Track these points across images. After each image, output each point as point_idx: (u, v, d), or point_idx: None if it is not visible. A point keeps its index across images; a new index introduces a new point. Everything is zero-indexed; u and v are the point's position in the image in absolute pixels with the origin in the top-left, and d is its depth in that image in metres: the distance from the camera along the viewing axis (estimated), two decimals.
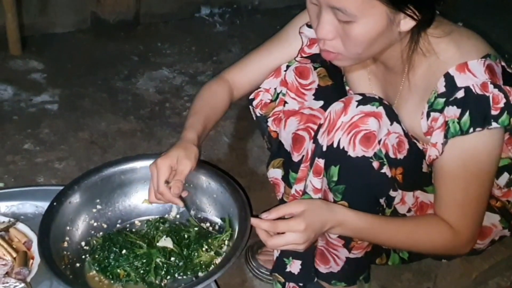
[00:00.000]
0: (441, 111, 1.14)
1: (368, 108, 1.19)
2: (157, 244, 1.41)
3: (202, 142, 1.38)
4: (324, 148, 1.23)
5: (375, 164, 1.20)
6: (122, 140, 2.12)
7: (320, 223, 1.17)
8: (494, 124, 1.11)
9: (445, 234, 1.21)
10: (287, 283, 1.42)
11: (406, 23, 1.11)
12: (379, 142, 1.19)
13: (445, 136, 1.14)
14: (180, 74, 2.53)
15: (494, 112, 1.11)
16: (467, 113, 1.11)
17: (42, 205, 1.54)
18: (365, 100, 1.21)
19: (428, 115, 1.17)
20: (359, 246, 1.30)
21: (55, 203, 1.41)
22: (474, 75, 1.12)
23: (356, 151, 1.19)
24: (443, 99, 1.14)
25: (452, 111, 1.12)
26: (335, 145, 1.21)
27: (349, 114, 1.20)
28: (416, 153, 1.24)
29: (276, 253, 1.40)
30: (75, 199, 1.45)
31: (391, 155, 1.21)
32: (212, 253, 1.40)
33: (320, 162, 1.25)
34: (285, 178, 1.45)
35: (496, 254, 1.51)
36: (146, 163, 1.51)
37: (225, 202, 1.43)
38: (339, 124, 1.20)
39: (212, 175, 1.48)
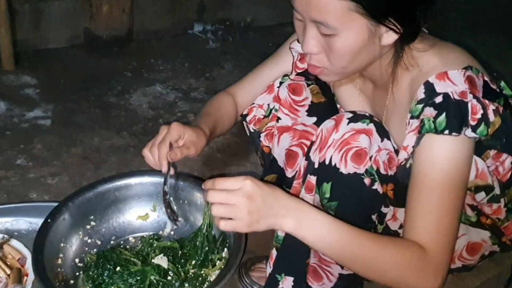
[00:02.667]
0: (418, 116, 1.14)
1: (359, 125, 1.21)
2: (152, 261, 1.42)
3: (209, 141, 1.40)
4: (316, 165, 1.24)
5: (367, 181, 1.22)
6: (115, 155, 2.12)
7: (272, 197, 1.07)
8: (471, 134, 1.11)
9: (415, 252, 1.10)
10: None
11: (389, 37, 1.13)
12: (370, 158, 1.21)
13: (419, 132, 1.13)
14: (173, 90, 2.55)
15: (472, 122, 1.11)
16: (444, 115, 1.10)
17: (36, 222, 1.55)
18: (356, 117, 1.22)
19: (408, 123, 1.17)
20: None
21: (49, 220, 1.41)
22: (454, 83, 1.13)
23: (347, 167, 1.20)
24: (421, 105, 1.14)
25: (429, 111, 1.13)
26: (327, 162, 1.22)
27: (340, 132, 1.21)
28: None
29: (269, 269, 1.41)
30: (69, 215, 1.45)
31: (382, 171, 1.23)
32: (208, 268, 1.41)
33: (312, 179, 1.26)
34: None
35: (487, 271, 1.52)
36: (141, 179, 1.53)
37: None
38: (330, 141, 1.22)
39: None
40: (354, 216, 1.23)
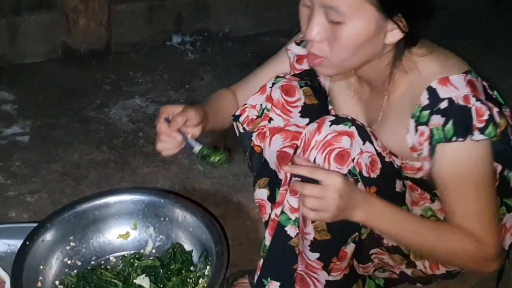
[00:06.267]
0: (426, 123, 1.18)
1: (341, 127, 1.22)
2: (134, 281, 1.40)
3: (209, 122, 1.37)
4: None
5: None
6: (96, 171, 2.10)
7: (352, 194, 1.17)
8: (480, 136, 1.14)
9: (470, 240, 1.19)
10: None
11: (393, 35, 1.15)
12: (352, 160, 1.22)
13: (430, 143, 1.17)
14: (153, 103, 2.53)
15: (479, 125, 1.14)
16: (451, 122, 1.14)
17: (14, 243, 1.52)
18: (338, 120, 1.24)
19: (416, 130, 1.20)
20: (337, 268, 1.31)
21: (27, 242, 1.39)
22: (456, 88, 1.16)
23: (331, 168, 1.21)
24: (428, 111, 1.17)
25: (436, 119, 1.16)
26: None
27: (323, 133, 1.22)
28: (389, 172, 1.26)
29: (257, 276, 1.40)
30: (48, 236, 1.43)
31: (365, 173, 1.23)
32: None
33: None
34: (271, 197, 1.47)
35: (470, 278, 1.53)
36: (120, 197, 1.52)
37: (201, 236, 1.43)
38: (313, 143, 1.23)
39: (187, 208, 1.49)
40: None
